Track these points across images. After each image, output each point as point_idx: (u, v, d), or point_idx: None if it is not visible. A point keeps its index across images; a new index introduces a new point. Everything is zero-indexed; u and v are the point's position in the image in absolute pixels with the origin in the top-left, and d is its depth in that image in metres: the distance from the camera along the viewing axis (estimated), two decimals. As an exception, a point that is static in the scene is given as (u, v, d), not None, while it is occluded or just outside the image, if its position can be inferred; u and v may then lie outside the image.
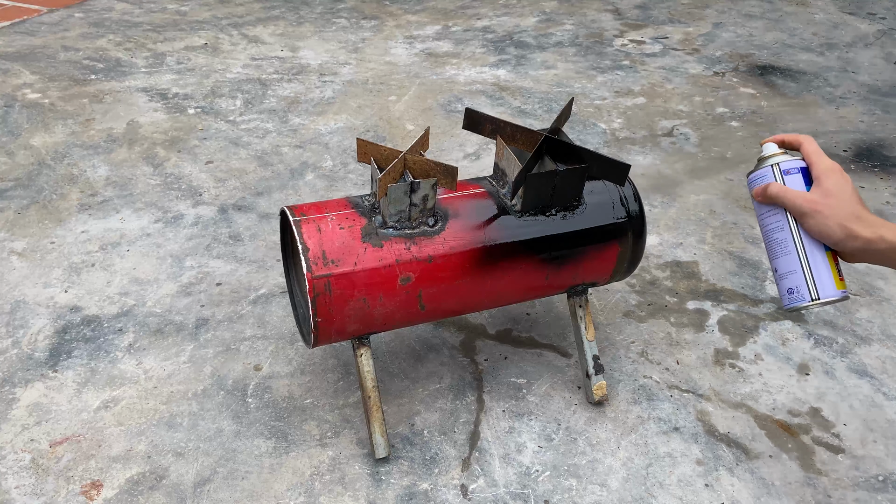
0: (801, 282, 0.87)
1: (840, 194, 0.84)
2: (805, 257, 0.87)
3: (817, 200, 0.85)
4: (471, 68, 2.50)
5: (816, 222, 0.85)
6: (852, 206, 0.84)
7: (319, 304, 0.98)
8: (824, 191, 0.85)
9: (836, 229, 0.83)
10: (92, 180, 1.81)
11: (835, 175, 0.85)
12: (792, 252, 0.88)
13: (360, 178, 1.83)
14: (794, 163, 0.89)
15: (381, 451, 1.07)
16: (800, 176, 0.88)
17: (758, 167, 0.92)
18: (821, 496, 1.04)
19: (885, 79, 2.43)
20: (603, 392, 1.17)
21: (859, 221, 0.83)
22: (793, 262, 0.88)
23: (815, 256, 0.87)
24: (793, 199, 0.86)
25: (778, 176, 0.89)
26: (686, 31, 2.86)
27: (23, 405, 1.18)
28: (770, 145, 0.93)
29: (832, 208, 0.84)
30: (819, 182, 0.86)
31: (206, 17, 2.99)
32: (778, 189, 0.88)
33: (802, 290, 0.87)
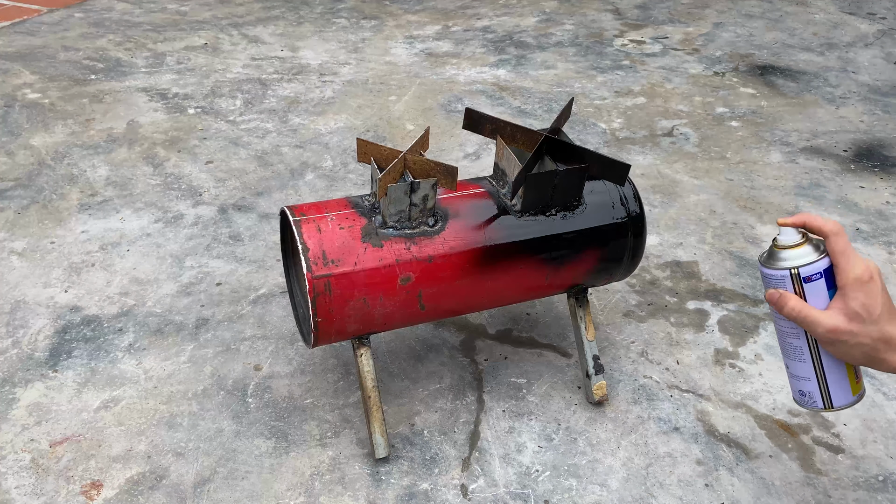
0: (815, 389, 0.81)
1: (868, 317, 0.74)
2: (821, 369, 0.80)
3: (841, 329, 0.75)
4: (471, 68, 2.50)
5: (839, 351, 0.77)
6: (881, 331, 0.74)
7: (319, 304, 0.98)
8: (849, 314, 0.75)
9: (861, 358, 0.76)
10: (92, 180, 1.81)
11: (863, 289, 0.74)
12: (807, 361, 0.81)
13: (360, 178, 1.83)
14: (817, 266, 0.77)
15: (381, 451, 1.07)
16: (822, 282, 0.77)
17: (772, 262, 0.81)
18: (821, 496, 1.04)
19: (885, 79, 2.43)
20: (603, 392, 1.17)
21: (889, 349, 0.74)
22: (807, 369, 0.81)
23: (833, 369, 0.80)
24: (814, 327, 0.77)
25: (797, 283, 0.78)
26: (686, 31, 2.86)
27: (23, 405, 1.18)
28: (789, 232, 0.79)
29: (857, 336, 0.75)
30: (844, 297, 0.75)
31: (206, 17, 2.99)
32: (797, 310, 0.78)
33: (815, 398, 0.82)
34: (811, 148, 1.98)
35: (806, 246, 0.79)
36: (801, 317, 0.78)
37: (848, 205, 1.72)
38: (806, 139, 2.03)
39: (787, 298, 0.79)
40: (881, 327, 0.74)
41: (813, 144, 2.00)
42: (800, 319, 0.78)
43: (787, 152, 1.96)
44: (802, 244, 0.79)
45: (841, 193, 1.77)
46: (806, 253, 0.78)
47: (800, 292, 0.79)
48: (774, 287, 0.80)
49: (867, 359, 0.75)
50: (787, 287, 0.79)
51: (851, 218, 1.67)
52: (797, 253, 0.79)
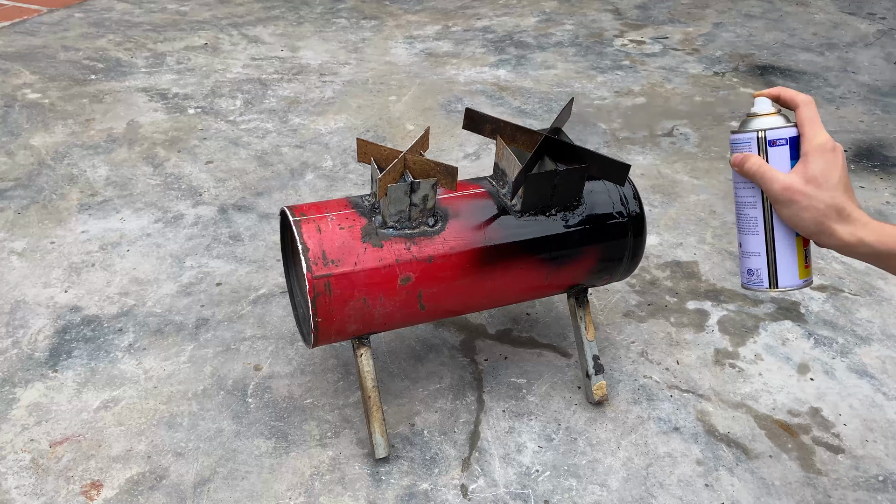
0: (763, 266, 0.82)
1: (824, 182, 0.75)
2: (772, 242, 0.81)
3: (795, 188, 0.76)
4: (471, 68, 2.50)
5: (791, 212, 0.77)
6: (834, 198, 0.74)
7: (319, 304, 0.98)
8: (807, 176, 0.76)
9: (811, 224, 0.76)
10: (92, 180, 1.81)
11: (824, 156, 0.76)
12: (760, 233, 0.82)
13: (360, 178, 1.83)
14: (784, 132, 0.79)
15: (381, 451, 1.07)
16: (787, 148, 0.79)
17: (743, 127, 0.82)
18: (821, 496, 1.04)
19: (885, 79, 2.43)
20: (603, 392, 1.17)
21: (839, 219, 0.75)
22: (759, 243, 0.82)
23: (784, 243, 0.80)
24: (770, 182, 0.77)
25: (762, 147, 0.80)
26: (686, 31, 2.86)
27: (23, 405, 1.18)
28: (762, 101, 0.82)
29: (811, 199, 0.75)
30: (805, 162, 0.76)
31: (206, 17, 2.99)
32: (757, 166, 0.79)
33: (762, 276, 0.82)
34: (811, 148, 1.98)
35: (777, 116, 0.81)
36: (759, 172, 0.78)
37: (848, 205, 1.72)
38: (806, 139, 2.03)
39: (748, 157, 0.80)
40: (835, 195, 0.74)
41: (813, 144, 2.00)
42: (758, 175, 0.78)
43: (787, 152, 1.96)
44: (774, 114, 0.81)
45: (841, 193, 1.77)
46: (776, 120, 0.80)
47: (764, 155, 0.80)
48: (740, 151, 0.82)
49: (816, 225, 0.75)
50: (752, 150, 0.80)
51: (851, 218, 1.67)
52: (767, 120, 0.81)
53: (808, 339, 1.32)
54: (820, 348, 1.30)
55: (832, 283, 1.46)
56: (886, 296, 1.43)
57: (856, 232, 0.74)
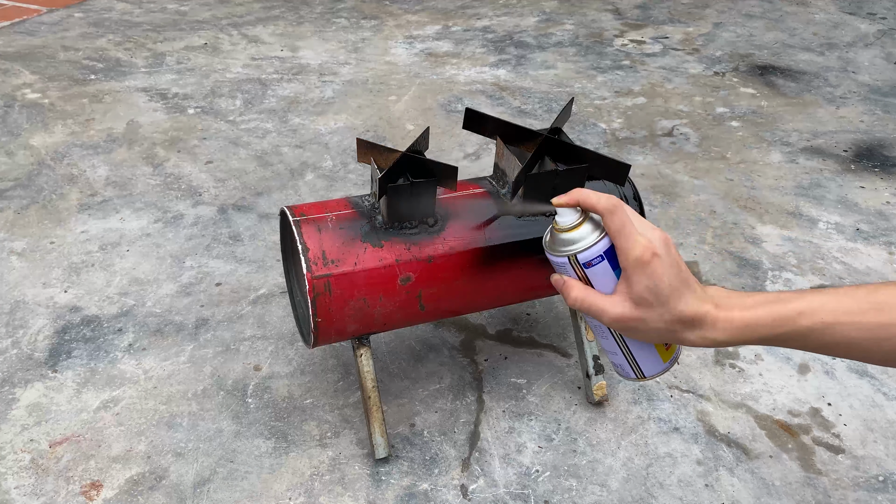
0: (624, 363, 0.77)
1: (655, 299, 0.67)
2: (624, 344, 0.75)
3: (627, 316, 0.68)
4: (471, 68, 2.50)
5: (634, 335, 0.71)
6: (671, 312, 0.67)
7: (319, 304, 0.98)
8: (635, 298, 0.68)
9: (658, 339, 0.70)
10: (92, 180, 1.81)
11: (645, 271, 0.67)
12: (609, 338, 0.76)
13: (360, 178, 1.83)
14: (596, 248, 0.71)
15: (381, 452, 1.07)
16: (605, 264, 0.71)
17: (553, 246, 0.74)
18: (821, 496, 1.04)
19: (885, 79, 2.43)
20: (603, 392, 1.17)
21: (685, 328, 0.68)
22: (612, 345, 0.76)
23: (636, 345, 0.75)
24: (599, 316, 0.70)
25: (577, 269, 0.72)
26: (686, 31, 2.86)
27: (22, 405, 1.18)
28: (565, 213, 0.72)
29: (647, 322, 0.68)
30: (628, 282, 0.68)
31: (206, 17, 2.99)
32: (581, 299, 0.71)
33: (627, 370, 0.77)
34: (811, 148, 1.98)
35: (585, 226, 0.72)
36: (585, 306, 0.71)
37: (848, 205, 1.72)
38: (806, 139, 2.03)
39: (570, 287, 0.72)
40: (671, 308, 0.67)
41: (813, 144, 2.00)
42: (585, 309, 0.71)
43: (787, 152, 1.96)
44: (580, 224, 0.72)
45: (841, 193, 1.77)
46: (585, 234, 0.71)
47: (583, 277, 0.72)
48: (559, 273, 0.75)
49: (664, 339, 0.70)
50: (570, 273, 0.73)
51: (851, 218, 1.67)
52: (576, 235, 0.72)
53: (808, 339, 1.32)
54: (820, 348, 1.30)
55: (832, 283, 1.46)
56: (886, 296, 1.43)
57: (706, 335, 0.68)
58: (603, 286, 0.72)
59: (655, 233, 0.69)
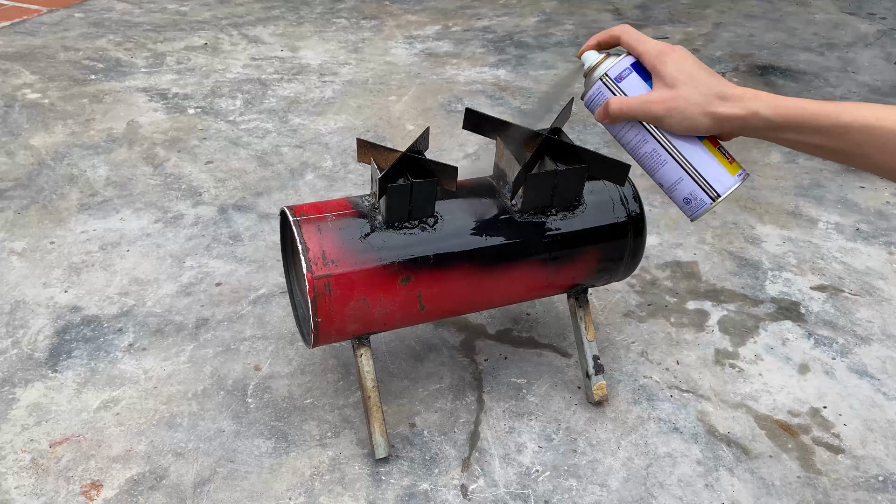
0: (694, 186, 0.77)
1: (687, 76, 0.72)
2: (685, 160, 0.76)
3: (665, 98, 0.73)
4: (471, 68, 2.50)
5: (678, 120, 0.73)
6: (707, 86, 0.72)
7: (319, 304, 0.98)
8: (667, 80, 0.73)
9: (702, 119, 0.72)
10: (92, 180, 1.81)
11: (670, 57, 0.73)
12: (668, 161, 0.77)
13: (360, 178, 1.83)
14: (622, 63, 0.77)
15: (381, 452, 1.07)
16: (635, 75, 0.76)
17: (587, 85, 0.80)
18: (821, 496, 1.04)
19: (885, 79, 2.43)
20: (603, 392, 1.17)
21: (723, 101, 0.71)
22: (674, 170, 0.78)
23: (694, 154, 0.76)
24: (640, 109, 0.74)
25: (612, 88, 0.77)
26: (686, 31, 2.86)
27: (23, 405, 1.18)
28: (589, 54, 0.80)
29: (686, 97, 0.72)
30: (657, 73, 0.73)
31: (206, 17, 2.99)
32: (619, 104, 0.76)
33: (699, 195, 0.78)
34: (811, 148, 1.98)
35: (609, 59, 0.79)
36: (625, 106, 0.75)
37: (848, 205, 1.72)
38: (806, 139, 2.03)
39: (608, 102, 0.77)
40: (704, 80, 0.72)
41: (813, 144, 2.00)
42: (626, 109, 0.75)
43: (787, 152, 1.96)
44: (604, 59, 0.79)
45: (841, 193, 1.77)
46: (609, 61, 0.79)
47: (619, 94, 0.77)
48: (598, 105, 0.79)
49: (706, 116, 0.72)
50: (606, 95, 0.78)
51: (851, 218, 1.67)
52: (603, 64, 0.79)
53: (808, 339, 1.32)
54: (820, 348, 1.30)
55: (832, 283, 1.46)
56: (886, 296, 1.43)
57: (747, 105, 0.71)
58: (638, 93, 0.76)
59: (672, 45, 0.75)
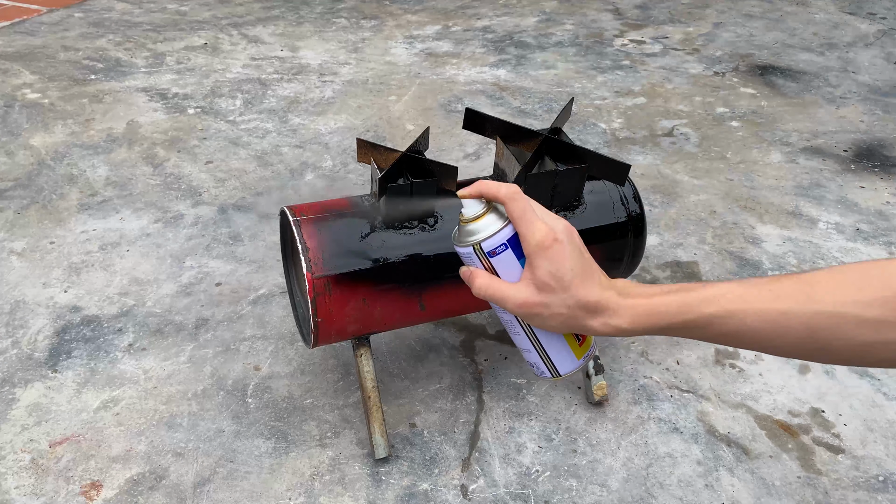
0: (539, 360, 0.76)
1: (557, 284, 0.66)
2: (537, 340, 0.74)
3: (531, 301, 0.68)
4: (471, 68, 2.50)
5: (538, 323, 0.70)
6: (574, 297, 0.66)
7: (319, 304, 0.98)
8: (537, 283, 0.67)
9: (563, 327, 0.69)
10: (92, 180, 1.81)
11: (547, 255, 0.66)
12: (521, 333, 0.75)
13: (360, 178, 1.83)
14: (499, 237, 0.70)
15: (381, 452, 1.07)
16: (509, 252, 0.70)
17: (459, 238, 0.73)
18: (821, 496, 1.04)
19: (885, 79, 2.43)
20: (603, 392, 1.17)
21: (588, 314, 0.67)
22: (525, 342, 0.75)
23: (548, 339, 0.74)
24: (504, 303, 0.69)
25: (482, 258, 0.71)
26: (686, 31, 2.86)
27: (22, 405, 1.18)
28: (469, 204, 0.71)
29: (550, 307, 0.67)
30: (531, 267, 0.68)
31: (206, 17, 2.99)
32: (485, 287, 0.70)
33: (542, 368, 0.76)
34: (811, 148, 1.98)
35: (490, 215, 0.71)
36: (489, 293, 0.70)
37: (848, 205, 1.72)
38: (806, 139, 2.03)
39: (475, 276, 0.71)
40: (573, 293, 0.66)
41: (813, 144, 2.00)
42: (489, 297, 0.70)
43: (787, 152, 1.96)
44: (485, 214, 0.71)
45: (841, 193, 1.77)
46: (489, 224, 0.71)
47: (489, 267, 0.71)
48: (466, 264, 0.74)
49: (569, 327, 0.69)
50: (476, 264, 0.72)
51: (851, 218, 1.67)
52: (480, 225, 0.71)
53: (808, 339, 1.32)
54: (820, 348, 1.30)
55: (832, 283, 1.46)
56: (886, 296, 1.43)
57: (609, 321, 0.67)
58: (508, 276, 0.71)
59: (559, 222, 0.69)
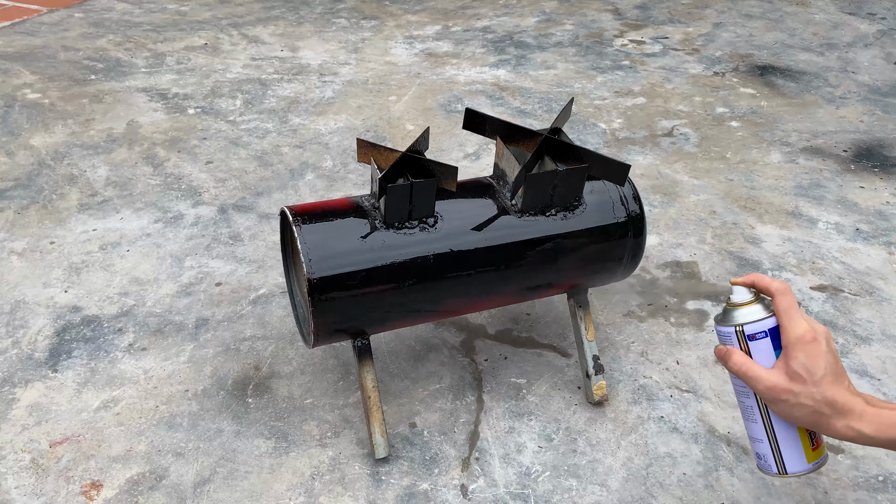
0: (769, 452, 0.80)
1: (809, 377, 0.72)
2: (772, 430, 0.79)
3: (780, 387, 0.73)
4: (471, 68, 2.50)
5: (781, 409, 0.75)
6: (823, 393, 0.71)
7: (319, 303, 0.98)
8: (789, 372, 0.73)
9: (805, 419, 0.73)
10: (92, 180, 1.81)
11: (805, 349, 0.73)
12: (759, 421, 0.80)
13: (360, 178, 1.83)
14: (762, 324, 0.78)
15: (381, 452, 1.07)
16: (768, 340, 0.77)
17: (723, 319, 0.81)
18: (821, 496, 1.04)
19: (885, 79, 2.43)
20: (603, 392, 1.17)
21: (833, 413, 0.71)
22: (759, 430, 0.80)
23: (784, 431, 0.78)
24: (754, 382, 0.75)
25: (742, 340, 0.78)
26: (686, 31, 2.86)
27: (23, 405, 1.18)
28: (740, 290, 0.80)
29: (798, 396, 0.72)
30: (787, 357, 0.74)
31: (206, 17, 2.99)
32: (740, 364, 0.77)
33: (770, 462, 0.80)
34: (811, 148, 1.98)
35: (756, 305, 0.79)
36: (742, 371, 0.77)
37: (848, 205, 1.72)
38: (806, 139, 2.03)
39: (731, 353, 0.78)
40: (823, 389, 0.71)
41: (813, 144, 2.00)
42: (741, 374, 0.77)
43: (787, 152, 1.96)
44: (752, 303, 0.79)
45: (841, 193, 1.77)
46: (754, 311, 0.79)
47: (746, 350, 0.78)
48: (724, 343, 0.81)
49: (811, 421, 0.73)
50: (734, 344, 0.79)
51: (851, 218, 1.67)
52: (746, 311, 0.79)
53: (808, 339, 1.32)
54: (820, 348, 1.30)
55: (832, 283, 1.46)
56: (886, 296, 1.43)
57: (852, 425, 0.72)
58: (763, 361, 0.77)
59: (819, 325, 0.76)
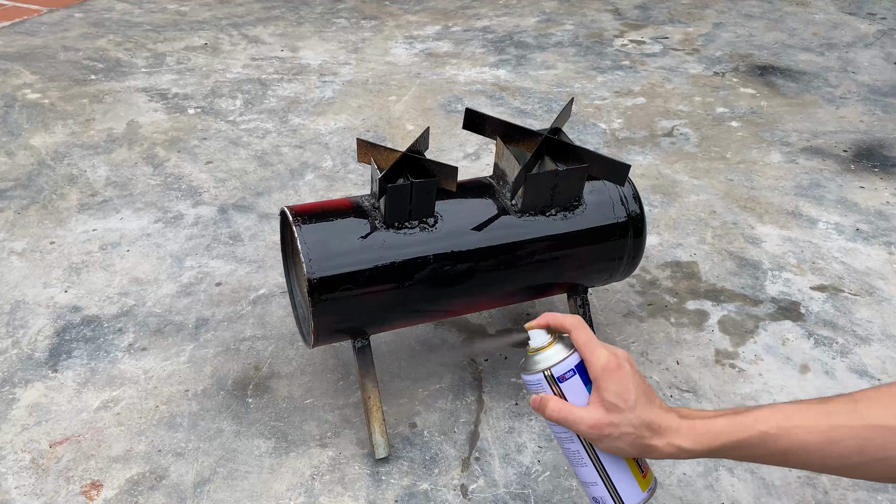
0: (605, 494, 0.79)
1: (624, 404, 0.73)
2: (604, 469, 0.78)
3: (602, 423, 0.73)
4: (471, 68, 2.50)
5: (606, 445, 0.75)
6: (640, 417, 0.73)
7: (319, 303, 0.98)
8: (606, 404, 0.73)
9: (630, 448, 0.74)
10: (92, 180, 1.81)
11: (612, 377, 0.74)
12: (588, 464, 0.79)
13: (360, 178, 1.83)
14: (568, 363, 0.77)
15: (381, 452, 1.07)
16: (577, 378, 0.76)
17: (528, 367, 0.79)
18: (821, 496, 1.04)
19: (885, 79, 2.43)
20: (603, 392, 1.17)
21: (653, 434, 0.73)
22: (591, 474, 0.79)
23: (614, 466, 0.78)
24: (575, 425, 0.75)
25: (553, 384, 0.77)
26: (686, 31, 2.86)
27: (23, 405, 1.18)
28: (536, 333, 0.79)
29: (619, 427, 0.73)
30: (598, 389, 0.74)
31: (206, 17, 2.99)
32: (557, 411, 0.76)
33: (608, 502, 0.79)
34: (811, 148, 1.98)
35: (556, 345, 0.78)
36: (561, 417, 0.76)
37: (848, 205, 1.72)
38: (806, 139, 2.03)
39: (546, 401, 0.77)
40: (639, 413, 0.73)
41: (813, 144, 2.00)
42: (562, 420, 0.76)
43: (787, 152, 1.96)
44: (552, 343, 0.78)
45: (841, 193, 1.77)
46: (557, 352, 0.77)
47: (559, 393, 0.77)
48: (535, 392, 0.79)
49: (637, 447, 0.74)
50: (545, 390, 0.78)
51: (851, 218, 1.67)
52: (549, 353, 0.78)
53: (808, 340, 1.32)
54: (820, 348, 1.30)
55: (832, 283, 1.46)
56: (886, 296, 1.43)
57: (672, 441, 0.73)
58: (576, 401, 0.76)
59: (618, 350, 0.76)
